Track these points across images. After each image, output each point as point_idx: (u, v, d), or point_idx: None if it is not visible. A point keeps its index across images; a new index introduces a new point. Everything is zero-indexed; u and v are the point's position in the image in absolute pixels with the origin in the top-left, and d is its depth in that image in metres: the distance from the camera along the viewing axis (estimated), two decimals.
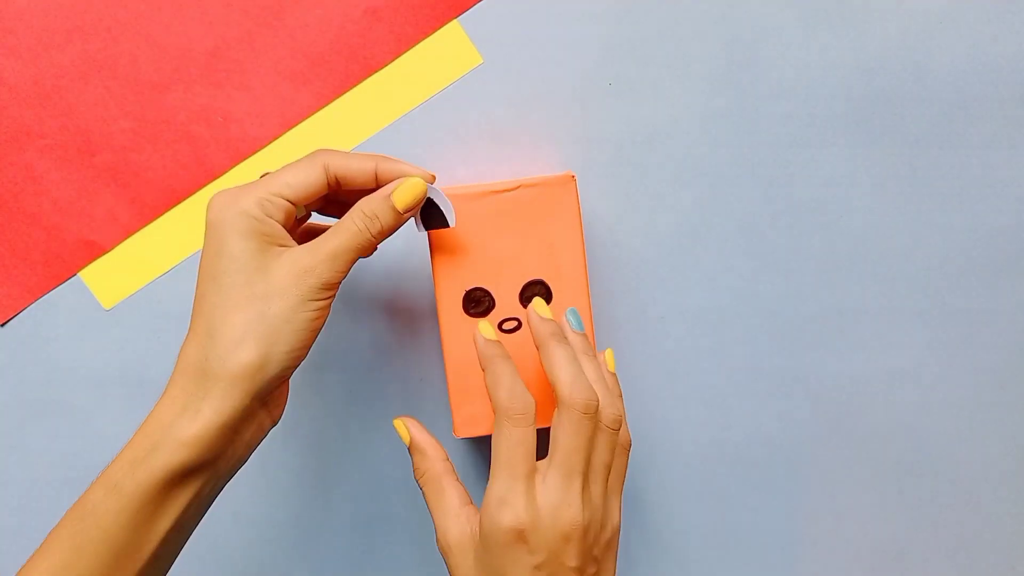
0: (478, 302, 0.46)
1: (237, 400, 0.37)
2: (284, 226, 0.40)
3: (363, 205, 0.41)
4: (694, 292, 0.52)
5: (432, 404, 0.52)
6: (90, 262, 0.51)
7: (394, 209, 0.41)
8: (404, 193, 0.41)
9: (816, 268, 0.52)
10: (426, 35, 0.50)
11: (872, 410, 0.53)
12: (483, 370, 0.42)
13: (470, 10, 0.50)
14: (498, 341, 0.43)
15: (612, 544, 0.42)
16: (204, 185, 0.51)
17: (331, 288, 0.39)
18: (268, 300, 0.38)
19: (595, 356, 0.44)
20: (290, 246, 0.40)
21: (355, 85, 0.51)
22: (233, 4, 0.50)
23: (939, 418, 0.53)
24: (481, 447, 0.53)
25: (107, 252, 0.51)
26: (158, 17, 0.50)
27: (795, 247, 0.52)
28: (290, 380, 0.52)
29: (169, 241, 0.51)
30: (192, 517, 0.39)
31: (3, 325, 0.52)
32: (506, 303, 0.46)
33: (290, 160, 0.50)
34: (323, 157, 0.41)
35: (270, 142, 0.51)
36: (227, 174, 0.51)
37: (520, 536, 0.39)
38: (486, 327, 0.43)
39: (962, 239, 0.52)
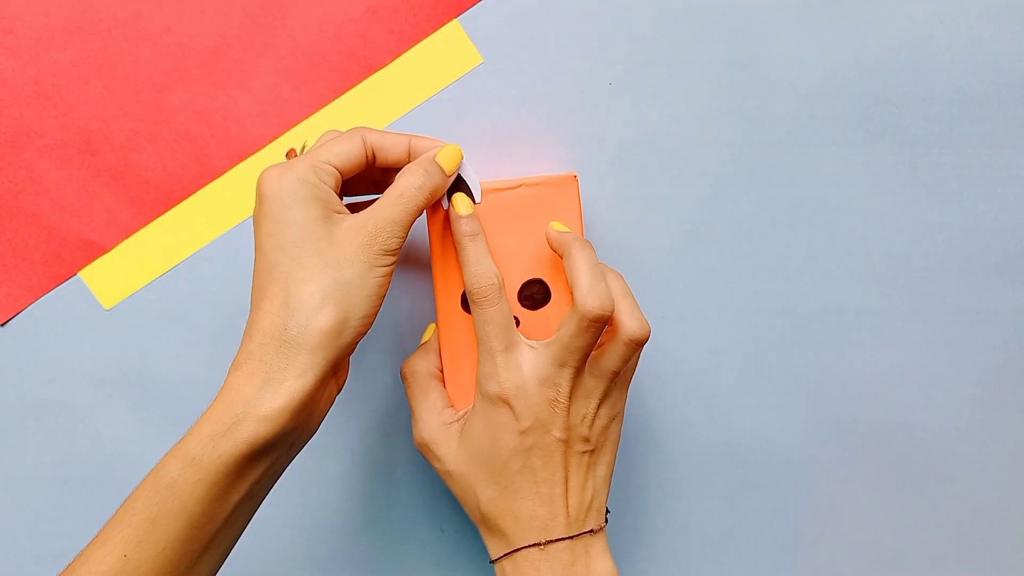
0: None
1: (319, 368, 0.38)
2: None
3: (411, 168, 0.42)
4: (694, 292, 0.52)
5: None
6: (90, 262, 0.51)
7: (441, 170, 0.42)
8: (448, 156, 0.43)
9: (816, 268, 0.52)
10: (426, 35, 0.50)
11: (872, 410, 0.53)
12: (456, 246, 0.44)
13: (470, 10, 0.50)
14: (471, 216, 0.44)
15: (610, 431, 0.44)
16: (204, 185, 0.51)
17: (394, 253, 0.40)
18: (339, 267, 0.38)
19: (620, 275, 0.45)
20: (345, 213, 0.41)
21: (355, 85, 0.51)
22: (233, 4, 0.50)
23: (939, 418, 0.53)
24: None
25: (107, 252, 0.51)
26: (158, 17, 0.50)
27: (795, 247, 0.52)
28: None
29: (169, 241, 0.51)
30: (264, 487, 0.40)
31: (3, 325, 0.52)
32: None
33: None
34: (361, 131, 0.42)
35: (270, 142, 0.51)
36: (227, 174, 0.51)
37: (506, 401, 0.41)
38: (462, 201, 0.44)
39: (962, 239, 0.52)
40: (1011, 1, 0.50)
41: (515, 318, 0.46)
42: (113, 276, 0.52)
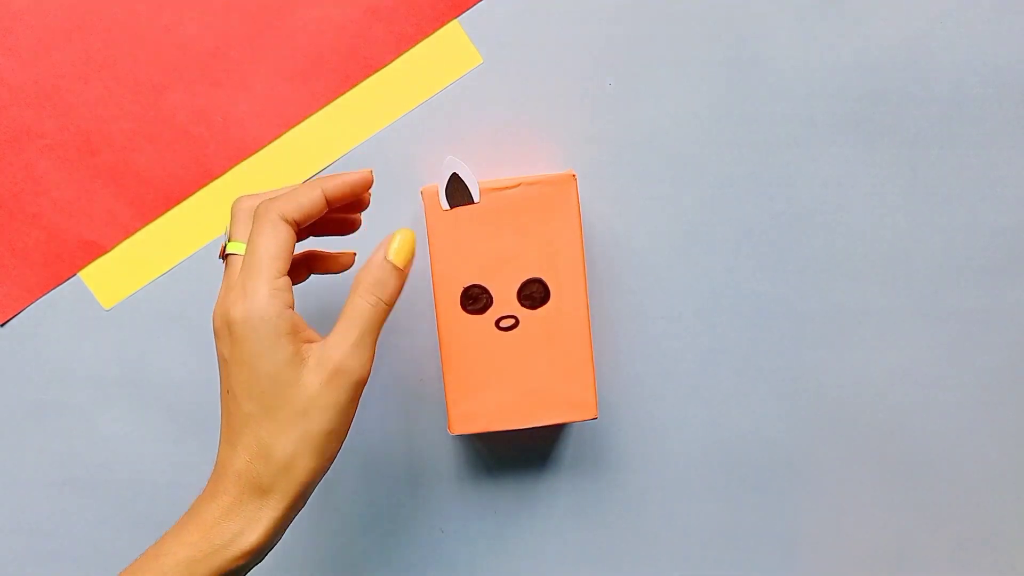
0: (476, 299, 0.46)
1: (292, 507, 0.40)
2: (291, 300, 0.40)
3: (365, 278, 0.41)
4: (694, 292, 0.52)
5: (431, 404, 0.53)
6: (90, 262, 0.51)
7: (396, 269, 0.41)
8: (401, 250, 0.41)
9: (816, 268, 0.52)
10: (426, 35, 0.50)
11: (872, 410, 0.53)
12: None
13: (470, 10, 0.50)
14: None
15: None
16: (204, 185, 0.51)
17: (363, 384, 0.40)
18: (309, 416, 0.39)
19: None
20: (311, 338, 0.40)
21: (355, 85, 0.51)
22: (233, 4, 0.50)
23: (939, 418, 0.53)
24: (476, 444, 0.53)
25: (107, 252, 0.51)
26: (158, 17, 0.50)
27: (795, 247, 0.52)
28: None
29: (169, 241, 0.51)
30: None
31: (3, 325, 0.52)
32: (504, 300, 0.46)
33: (283, 162, 0.51)
34: (276, 209, 0.40)
35: (270, 142, 0.51)
36: (227, 174, 0.51)
37: None
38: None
39: (962, 239, 0.52)
40: (1011, 1, 0.50)
41: (514, 317, 0.46)
42: (113, 276, 0.52)
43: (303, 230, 0.44)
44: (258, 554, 0.39)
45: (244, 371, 0.39)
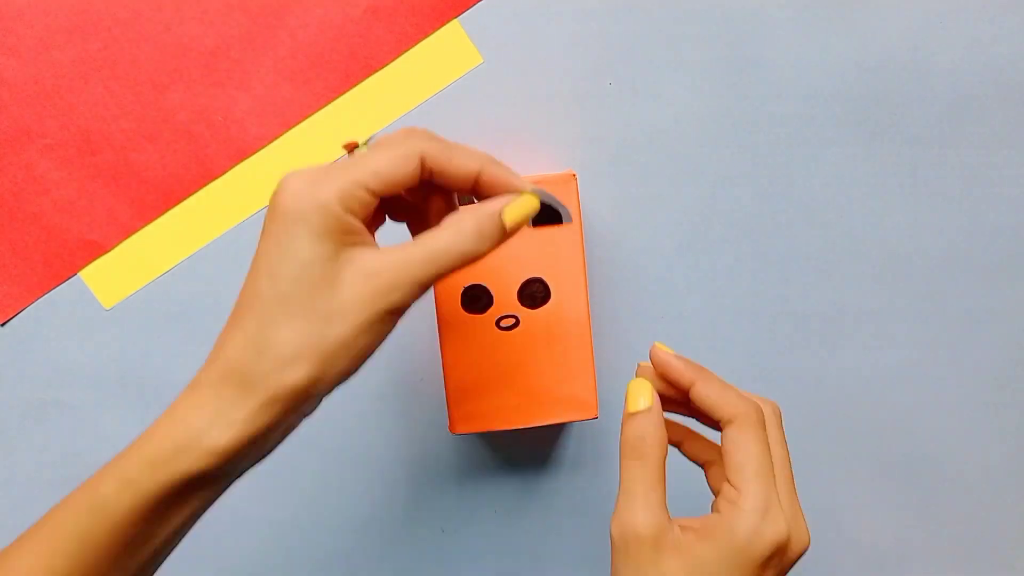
0: (476, 299, 0.46)
1: (275, 416, 0.34)
2: (362, 220, 0.34)
3: (465, 223, 0.34)
4: (694, 292, 0.52)
5: (432, 403, 0.53)
6: (90, 262, 0.51)
7: (503, 231, 0.35)
8: (516, 211, 0.36)
9: (816, 268, 0.52)
10: (426, 35, 0.50)
11: (872, 409, 0.53)
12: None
13: (470, 10, 0.50)
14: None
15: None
16: (204, 185, 0.51)
17: (401, 313, 0.34)
18: (330, 320, 0.33)
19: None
20: (366, 243, 0.34)
21: (355, 85, 0.51)
22: (233, 4, 0.50)
23: (939, 418, 0.53)
24: (476, 444, 0.53)
25: (107, 252, 0.51)
26: (158, 17, 0.50)
27: (795, 247, 0.52)
28: None
29: (169, 241, 0.51)
30: (200, 513, 0.37)
31: (3, 325, 0.52)
32: (504, 300, 0.46)
33: (283, 162, 0.51)
34: (421, 145, 0.35)
35: (270, 142, 0.51)
36: (227, 174, 0.51)
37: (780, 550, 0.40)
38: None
39: (962, 239, 0.52)
40: (1011, 1, 0.50)
41: (514, 317, 0.46)
42: (113, 276, 0.52)
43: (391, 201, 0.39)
44: (227, 461, 0.33)
45: (274, 246, 0.33)
